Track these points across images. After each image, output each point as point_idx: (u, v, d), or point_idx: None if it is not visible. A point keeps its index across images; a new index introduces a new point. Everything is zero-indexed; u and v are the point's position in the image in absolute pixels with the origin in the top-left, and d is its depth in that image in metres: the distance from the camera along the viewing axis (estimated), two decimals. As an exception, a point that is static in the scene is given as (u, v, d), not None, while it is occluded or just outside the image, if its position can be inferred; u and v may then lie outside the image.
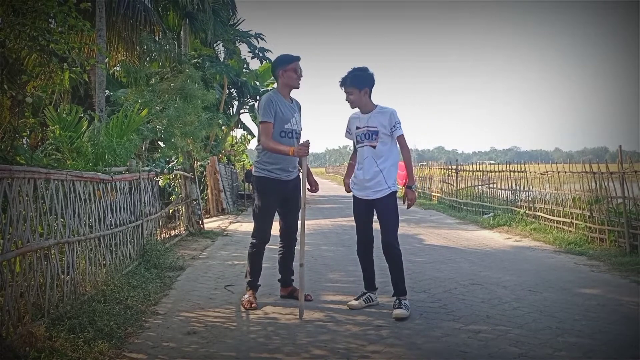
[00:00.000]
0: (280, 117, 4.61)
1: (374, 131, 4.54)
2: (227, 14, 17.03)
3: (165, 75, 10.74)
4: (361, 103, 4.59)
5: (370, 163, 4.53)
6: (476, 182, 14.32)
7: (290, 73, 4.67)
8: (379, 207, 4.53)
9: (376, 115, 4.56)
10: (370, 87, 4.59)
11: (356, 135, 4.65)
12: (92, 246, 4.90)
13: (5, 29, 4.87)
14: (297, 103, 4.88)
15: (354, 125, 4.71)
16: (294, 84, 4.71)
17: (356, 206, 4.70)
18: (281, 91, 4.73)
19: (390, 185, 4.51)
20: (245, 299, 4.67)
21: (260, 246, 4.75)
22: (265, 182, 4.67)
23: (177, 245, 8.21)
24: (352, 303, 4.56)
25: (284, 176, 4.66)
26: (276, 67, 4.75)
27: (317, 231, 10.23)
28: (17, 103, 5.22)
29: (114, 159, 6.33)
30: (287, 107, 4.69)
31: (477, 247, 8.11)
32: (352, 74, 4.58)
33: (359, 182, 4.62)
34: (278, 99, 4.65)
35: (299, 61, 4.73)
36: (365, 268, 4.69)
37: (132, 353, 3.51)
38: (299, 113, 4.83)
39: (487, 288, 5.27)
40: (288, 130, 4.64)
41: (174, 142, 9.47)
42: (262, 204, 4.70)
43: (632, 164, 7.41)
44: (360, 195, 4.62)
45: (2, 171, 3.36)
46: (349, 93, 4.58)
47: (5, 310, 3.29)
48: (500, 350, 3.55)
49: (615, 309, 4.53)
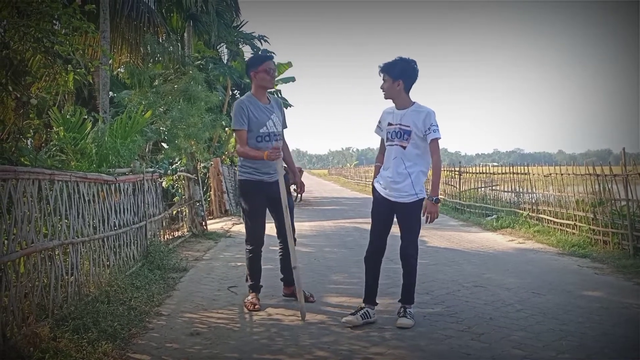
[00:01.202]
0: (255, 122, 4.50)
1: (407, 130, 4.16)
2: (230, 16, 17.06)
3: (168, 76, 10.77)
4: (394, 95, 4.22)
5: (397, 164, 4.17)
6: (479, 184, 14.31)
7: (262, 74, 4.55)
8: (402, 213, 4.20)
9: (411, 114, 4.19)
10: (408, 81, 4.20)
11: (387, 132, 4.27)
12: (96, 247, 4.91)
13: (10, 30, 4.90)
14: (277, 101, 4.76)
15: (386, 121, 4.32)
16: (266, 84, 4.61)
17: (376, 206, 4.32)
18: (256, 93, 4.61)
19: (418, 191, 4.16)
20: (248, 301, 4.66)
21: (255, 251, 4.69)
22: (248, 185, 4.59)
23: (181, 247, 8.21)
24: (347, 319, 4.13)
25: (267, 178, 4.52)
26: (248, 69, 4.67)
27: (319, 233, 10.23)
28: (22, 104, 5.24)
29: (117, 160, 6.34)
30: (262, 109, 4.56)
31: (480, 249, 8.09)
32: (392, 62, 4.22)
33: (384, 181, 4.26)
34: (251, 103, 4.54)
35: (270, 60, 4.62)
36: (370, 277, 4.32)
37: (136, 354, 3.51)
38: (279, 112, 4.68)
39: (490, 290, 5.27)
40: (264, 134, 4.53)
41: (177, 144, 9.49)
42: (248, 207, 4.63)
43: (635, 167, 7.39)
44: (384, 193, 4.23)
45: (7, 172, 3.37)
46: (383, 80, 4.23)
47: (10, 310, 3.30)
48: (504, 352, 3.54)
49: (619, 312, 4.52)
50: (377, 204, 4.31)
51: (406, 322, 4.04)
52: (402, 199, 4.15)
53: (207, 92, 10.50)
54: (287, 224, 4.38)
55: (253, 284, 4.75)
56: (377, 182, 4.34)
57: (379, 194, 4.28)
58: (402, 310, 4.15)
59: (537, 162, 18.21)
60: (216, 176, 14.47)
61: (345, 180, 44.24)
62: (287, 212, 4.38)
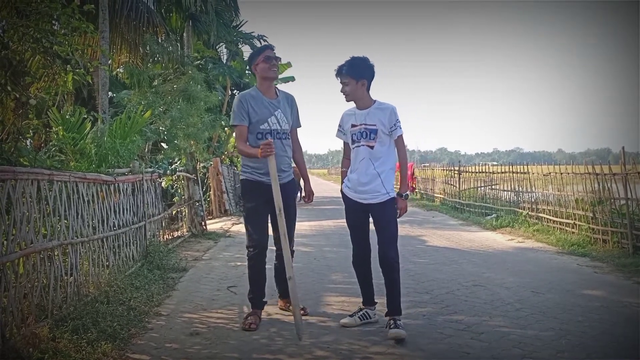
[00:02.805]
0: (255, 117, 4.18)
1: (373, 129, 4.04)
2: (229, 16, 17.04)
3: (168, 76, 10.76)
4: (357, 96, 4.10)
5: (366, 165, 4.04)
6: (479, 183, 14.31)
7: (262, 65, 4.24)
8: (376, 213, 4.07)
9: (375, 112, 4.08)
10: (369, 80, 4.11)
11: (351, 134, 4.13)
12: (95, 247, 4.91)
13: (9, 30, 4.90)
14: (287, 97, 4.40)
15: (348, 123, 4.18)
16: (268, 74, 4.26)
17: (350, 211, 4.20)
18: (260, 87, 4.31)
19: (389, 190, 4.04)
20: (245, 321, 4.16)
21: (257, 257, 4.22)
22: (247, 185, 4.29)
23: (180, 247, 8.22)
24: (345, 321, 4.07)
25: (266, 179, 4.08)
26: (249, 64, 4.42)
27: (319, 232, 10.23)
28: (21, 105, 5.24)
29: (117, 161, 6.34)
30: (265, 104, 4.22)
31: (479, 248, 8.09)
32: (349, 63, 4.09)
33: (353, 184, 4.12)
34: (253, 97, 4.23)
35: (268, 48, 4.32)
36: (363, 281, 4.24)
37: (135, 354, 3.52)
38: (288, 107, 4.33)
39: (489, 289, 5.27)
40: (266, 130, 4.18)
41: (177, 144, 9.50)
42: (247, 208, 4.30)
43: (635, 166, 7.39)
44: (354, 197, 4.11)
45: (6, 172, 3.37)
46: (345, 83, 4.09)
47: (9, 311, 3.31)
48: (503, 351, 3.54)
49: (619, 311, 4.52)
50: (351, 209, 4.18)
51: (399, 333, 3.76)
52: (374, 199, 4.02)
53: (206, 92, 10.49)
54: (282, 231, 3.95)
55: (253, 298, 4.31)
56: (346, 186, 4.19)
57: (349, 199, 4.15)
58: (391, 323, 3.86)
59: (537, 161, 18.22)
60: (216, 176, 14.47)
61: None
62: (281, 218, 3.95)
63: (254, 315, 4.20)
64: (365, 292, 4.23)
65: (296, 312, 3.85)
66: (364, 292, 4.25)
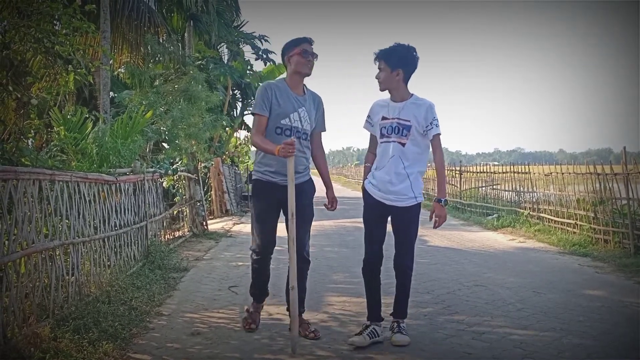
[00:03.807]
0: (277, 109, 3.83)
1: (406, 126, 3.68)
2: (231, 16, 17.05)
3: (169, 76, 10.76)
4: (391, 86, 3.73)
5: (395, 163, 3.69)
6: (480, 183, 14.30)
7: (297, 57, 3.86)
8: (400, 218, 3.75)
9: (410, 107, 3.71)
10: (408, 71, 3.73)
11: (381, 128, 3.77)
12: (96, 247, 4.92)
13: (10, 31, 4.90)
14: (314, 96, 4.05)
15: (379, 115, 3.81)
16: (301, 69, 3.87)
17: (370, 211, 3.84)
18: (289, 81, 3.94)
19: (417, 195, 3.73)
20: (244, 319, 4.13)
21: (260, 261, 4.01)
22: (257, 186, 3.97)
23: (181, 247, 8.22)
24: (355, 339, 3.66)
25: (280, 180, 3.80)
26: (283, 55, 4.01)
27: (320, 232, 10.23)
28: (23, 105, 5.25)
29: (118, 161, 6.35)
30: (291, 98, 3.88)
31: (481, 248, 8.09)
32: (390, 49, 3.73)
33: (379, 183, 3.75)
34: (280, 89, 3.89)
35: (307, 42, 3.90)
36: (371, 295, 3.86)
37: (137, 354, 3.52)
38: (313, 109, 3.99)
39: (491, 289, 5.26)
40: (285, 126, 3.84)
41: (178, 144, 9.49)
42: (255, 210, 3.99)
43: (636, 165, 7.39)
44: (378, 196, 3.75)
45: (8, 172, 3.37)
46: (380, 69, 3.75)
47: (11, 311, 3.31)
48: (505, 351, 3.54)
49: (620, 311, 4.52)
50: (371, 209, 3.83)
51: (402, 339, 3.67)
52: (400, 202, 3.70)
53: (207, 92, 10.49)
54: (291, 236, 3.62)
55: (254, 292, 4.17)
56: (369, 183, 3.84)
57: (371, 197, 3.80)
58: (395, 326, 3.76)
59: (538, 161, 18.20)
60: (217, 176, 14.48)
61: (346, 179, 44.22)
62: (292, 222, 3.63)
63: (255, 313, 4.11)
64: (372, 308, 3.86)
65: (294, 324, 3.60)
66: (371, 308, 3.86)
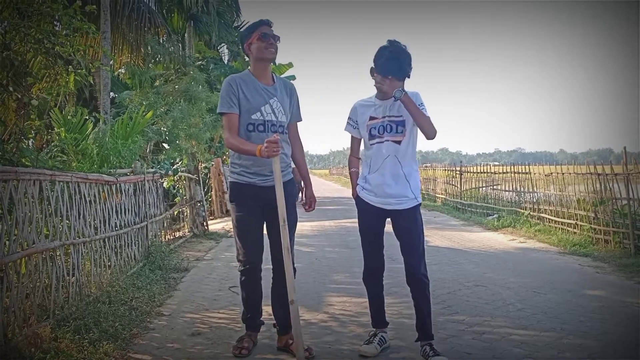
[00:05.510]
0: (245, 104, 3.42)
1: (400, 121, 3.42)
2: (231, 16, 17.08)
3: (169, 77, 10.79)
4: (392, 91, 3.41)
5: (392, 164, 3.43)
6: (480, 183, 14.30)
7: (256, 43, 3.45)
8: (402, 222, 3.47)
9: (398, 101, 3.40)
10: None
11: (370, 128, 3.49)
12: (97, 248, 4.92)
13: (10, 31, 4.91)
14: (286, 84, 3.64)
15: (365, 115, 3.53)
16: (264, 55, 3.46)
17: (366, 218, 3.56)
18: (254, 70, 3.53)
19: (417, 194, 3.48)
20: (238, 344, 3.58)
21: (249, 273, 3.54)
22: (236, 189, 3.53)
23: (182, 247, 8.23)
24: (364, 349, 3.47)
25: (259, 180, 3.44)
26: (242, 43, 3.61)
27: (320, 233, 10.24)
28: (23, 105, 5.25)
29: (118, 161, 6.36)
30: (259, 90, 3.47)
31: (481, 248, 8.09)
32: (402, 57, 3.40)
33: (374, 187, 3.48)
34: (245, 81, 3.47)
35: (266, 25, 3.49)
36: (375, 301, 3.66)
37: (137, 354, 3.52)
38: (286, 97, 3.56)
39: (491, 289, 5.26)
40: (258, 121, 3.43)
41: (178, 144, 9.51)
42: (236, 217, 3.53)
43: (636, 165, 7.39)
44: (376, 202, 3.48)
45: (8, 173, 3.38)
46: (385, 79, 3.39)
47: (11, 311, 3.31)
48: (505, 351, 3.54)
49: (620, 311, 4.52)
50: (368, 217, 3.54)
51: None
52: (400, 205, 3.45)
53: (208, 92, 10.51)
54: (285, 245, 3.23)
55: (248, 318, 3.66)
56: (363, 189, 3.55)
57: (368, 204, 3.52)
58: (429, 350, 3.36)
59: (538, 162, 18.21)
60: (217, 176, 14.48)
61: (346, 180, 44.20)
62: (285, 230, 3.22)
63: (248, 339, 3.61)
64: (376, 313, 3.68)
65: (299, 346, 3.17)
66: (375, 313, 3.68)
